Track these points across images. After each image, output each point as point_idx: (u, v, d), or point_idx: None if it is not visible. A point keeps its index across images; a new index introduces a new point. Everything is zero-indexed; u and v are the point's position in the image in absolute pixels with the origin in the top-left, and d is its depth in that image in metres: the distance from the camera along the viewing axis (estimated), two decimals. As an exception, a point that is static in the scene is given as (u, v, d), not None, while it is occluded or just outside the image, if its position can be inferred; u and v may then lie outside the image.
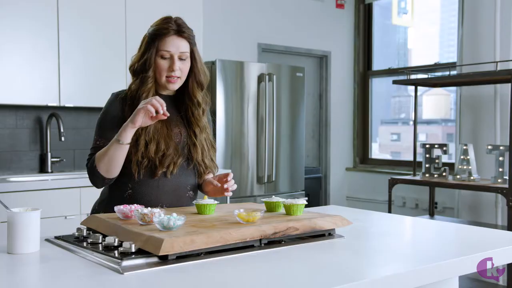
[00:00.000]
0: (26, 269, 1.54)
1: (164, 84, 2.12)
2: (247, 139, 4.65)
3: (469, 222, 4.44)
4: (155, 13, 2.25)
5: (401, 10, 6.68)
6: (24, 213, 1.62)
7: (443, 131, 6.29)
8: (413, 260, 1.67)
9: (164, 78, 2.10)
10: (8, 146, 3.96)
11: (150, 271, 1.46)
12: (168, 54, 2.08)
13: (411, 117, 6.51)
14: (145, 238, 1.55)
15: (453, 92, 5.99)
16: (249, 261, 1.59)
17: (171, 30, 2.08)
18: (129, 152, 2.04)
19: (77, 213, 3.57)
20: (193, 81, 2.17)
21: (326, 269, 1.54)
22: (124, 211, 1.80)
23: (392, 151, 6.56)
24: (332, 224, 1.88)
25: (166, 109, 2.01)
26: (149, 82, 2.10)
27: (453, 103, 6.17)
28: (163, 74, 2.10)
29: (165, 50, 2.08)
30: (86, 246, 1.66)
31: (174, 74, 2.09)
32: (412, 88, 6.26)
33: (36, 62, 3.74)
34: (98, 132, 2.13)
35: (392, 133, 6.61)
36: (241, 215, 1.76)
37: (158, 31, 2.09)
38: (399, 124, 6.68)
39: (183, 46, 2.11)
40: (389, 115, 6.55)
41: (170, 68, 2.09)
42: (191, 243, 1.54)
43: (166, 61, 2.09)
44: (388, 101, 6.55)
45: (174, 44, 2.08)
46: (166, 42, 2.08)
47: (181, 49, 2.10)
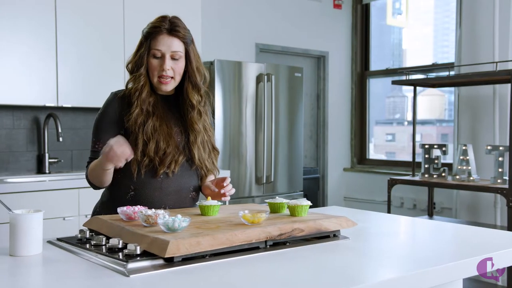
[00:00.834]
0: (30, 271, 1.51)
1: (156, 84, 2.09)
2: (246, 139, 4.63)
3: (468, 223, 4.43)
4: (153, 13, 2.23)
5: (395, 11, 6.69)
6: (26, 215, 1.60)
7: (437, 131, 6.30)
8: (419, 262, 1.65)
9: (156, 78, 2.07)
10: (5, 147, 3.93)
11: (156, 274, 1.44)
12: (160, 53, 2.05)
13: (406, 117, 6.54)
14: (150, 240, 1.53)
15: (448, 92, 6.01)
16: (255, 262, 1.58)
17: (164, 29, 2.05)
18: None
19: (76, 214, 3.55)
20: (188, 82, 2.13)
21: (333, 271, 1.53)
22: (128, 212, 1.78)
23: (387, 151, 6.56)
24: (337, 225, 1.86)
25: (165, 108, 2.05)
26: (141, 80, 2.07)
27: (447, 104, 6.19)
28: (155, 74, 2.07)
29: (156, 49, 2.05)
30: (89, 248, 1.64)
31: (165, 74, 2.05)
32: (406, 89, 6.29)
33: (33, 62, 3.71)
34: (95, 134, 2.11)
35: (387, 134, 6.61)
36: (246, 216, 1.74)
37: (150, 29, 2.07)
38: (394, 124, 6.68)
39: (175, 45, 2.07)
40: (383, 116, 6.55)
41: (161, 67, 2.05)
42: (196, 245, 1.52)
43: (157, 60, 2.06)
44: (383, 101, 6.55)
45: (165, 43, 2.05)
46: (157, 40, 2.05)
47: (172, 48, 2.06)
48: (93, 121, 2.17)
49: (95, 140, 2.10)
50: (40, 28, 3.73)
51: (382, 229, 2.26)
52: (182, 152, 2.11)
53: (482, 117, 4.82)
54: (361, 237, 1.96)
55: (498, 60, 4.49)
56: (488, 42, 4.73)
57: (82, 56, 3.92)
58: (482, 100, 4.83)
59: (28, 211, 1.65)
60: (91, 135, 2.15)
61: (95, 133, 2.11)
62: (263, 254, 1.65)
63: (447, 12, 6.34)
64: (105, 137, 2.03)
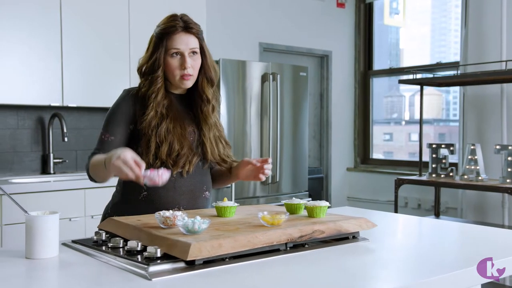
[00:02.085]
0: (48, 275, 1.48)
1: (178, 83, 2.06)
2: (250, 138, 4.59)
3: (475, 223, 4.38)
4: (158, 13, 2.20)
5: (393, 11, 6.68)
6: (43, 217, 1.56)
7: (435, 131, 6.28)
8: (442, 265, 1.61)
9: (178, 76, 2.04)
10: (9, 147, 3.89)
11: (178, 277, 1.40)
12: (178, 52, 2.03)
13: (404, 117, 6.53)
14: (170, 243, 1.49)
15: (445, 92, 6.00)
16: (277, 265, 1.54)
17: (179, 27, 2.02)
18: (141, 154, 2.00)
19: (82, 215, 3.51)
20: (203, 77, 2.12)
21: (357, 275, 1.50)
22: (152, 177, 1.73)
23: (384, 151, 6.54)
24: (357, 227, 1.83)
25: (179, 108, 2.02)
26: (159, 82, 2.04)
27: (444, 103, 6.18)
28: (176, 73, 2.04)
29: (174, 48, 2.02)
30: (106, 251, 1.60)
31: (187, 72, 2.03)
32: (404, 88, 6.30)
33: (38, 62, 3.67)
34: (105, 126, 2.06)
35: (384, 133, 6.59)
36: (266, 217, 1.71)
37: (165, 29, 2.03)
38: (392, 124, 6.67)
39: (192, 42, 2.05)
40: (381, 115, 6.53)
41: (182, 65, 2.03)
42: (218, 247, 1.49)
43: (176, 59, 2.04)
44: (381, 101, 6.53)
45: (182, 41, 2.03)
46: (174, 39, 2.02)
47: (190, 45, 2.04)
48: (97, 121, 2.14)
49: (103, 131, 2.05)
50: (45, 28, 3.69)
51: (398, 230, 2.23)
52: (196, 153, 2.09)
53: (489, 116, 4.79)
54: (379, 239, 1.92)
55: (506, 59, 4.46)
56: (496, 40, 4.69)
57: (87, 55, 3.88)
58: (489, 99, 4.80)
59: (44, 212, 1.61)
60: (95, 135, 2.11)
61: (105, 125, 2.06)
62: (284, 257, 1.62)
63: (444, 12, 6.35)
64: (115, 129, 2.02)
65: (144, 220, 1.78)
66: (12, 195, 3.21)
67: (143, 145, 2.01)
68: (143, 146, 2.01)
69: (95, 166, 1.97)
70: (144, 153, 2.00)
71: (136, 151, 1.97)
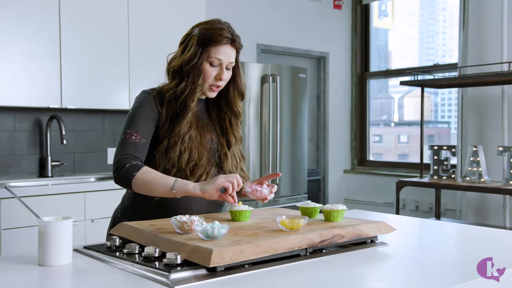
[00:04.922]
0: (63, 283, 1.42)
1: (205, 90, 2.02)
2: (249, 141, 4.54)
3: (476, 225, 4.37)
4: (157, 16, 2.15)
5: (381, 13, 6.68)
6: (57, 223, 1.51)
7: (424, 132, 6.30)
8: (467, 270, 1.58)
9: (208, 85, 2.00)
10: (6, 150, 3.81)
11: (200, 285, 1.35)
12: (218, 62, 1.98)
13: (393, 118, 6.52)
14: (190, 249, 1.44)
15: (433, 94, 6.00)
16: (299, 271, 1.50)
17: (226, 39, 1.97)
18: (155, 158, 1.95)
19: (82, 219, 3.44)
20: (234, 90, 2.09)
21: (379, 281, 1.45)
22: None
23: (374, 152, 6.52)
24: (376, 231, 1.79)
25: (200, 114, 1.99)
26: (198, 90, 1.98)
27: (433, 105, 6.18)
28: (208, 81, 1.99)
29: (216, 58, 1.97)
30: (122, 257, 1.54)
31: (219, 84, 2.01)
32: (393, 90, 6.31)
33: (37, 64, 3.60)
34: (130, 125, 1.95)
35: (374, 135, 6.57)
36: (284, 222, 1.66)
37: (213, 37, 1.96)
38: (381, 125, 6.66)
39: (233, 56, 2.02)
40: (371, 117, 6.51)
41: (218, 76, 1.99)
42: (240, 253, 1.44)
43: (214, 68, 1.99)
44: (370, 102, 6.52)
45: (226, 53, 1.98)
46: (219, 50, 1.97)
47: (230, 59, 2.01)
48: (96, 123, 2.08)
49: (130, 131, 1.94)
50: (44, 30, 3.62)
51: (413, 233, 2.19)
52: (214, 164, 2.05)
53: (490, 118, 4.78)
54: (396, 242, 1.88)
55: (508, 60, 4.45)
56: (496, 42, 4.68)
57: (86, 58, 3.82)
58: (490, 100, 4.78)
59: (56, 218, 1.56)
60: (94, 137, 2.05)
61: (130, 124, 1.96)
62: (305, 262, 1.58)
63: (432, 15, 6.37)
64: (145, 132, 1.95)
65: (158, 225, 1.73)
66: (9, 199, 3.16)
67: (161, 150, 1.96)
68: (160, 151, 1.96)
69: (148, 184, 1.86)
70: (161, 158, 1.95)
71: (151, 154, 1.92)
